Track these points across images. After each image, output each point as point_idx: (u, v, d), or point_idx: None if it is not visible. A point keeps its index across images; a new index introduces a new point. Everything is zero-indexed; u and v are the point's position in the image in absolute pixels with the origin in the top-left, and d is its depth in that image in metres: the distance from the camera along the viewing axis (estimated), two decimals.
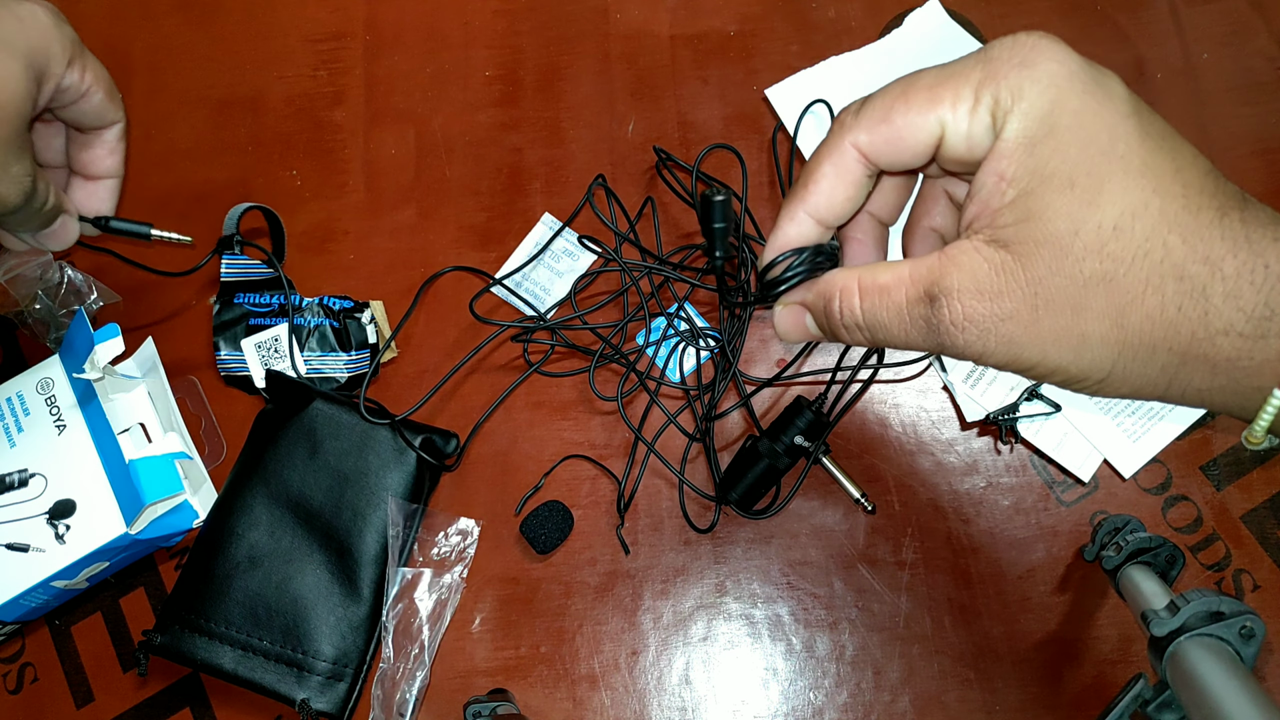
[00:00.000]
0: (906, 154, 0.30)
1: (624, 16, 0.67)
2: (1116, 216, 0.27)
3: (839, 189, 0.32)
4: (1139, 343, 0.27)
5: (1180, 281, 0.26)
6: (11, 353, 0.62)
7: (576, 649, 0.54)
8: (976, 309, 0.28)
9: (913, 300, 0.30)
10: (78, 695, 0.55)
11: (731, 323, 0.59)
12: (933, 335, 0.30)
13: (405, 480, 0.55)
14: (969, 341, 0.29)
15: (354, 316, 0.60)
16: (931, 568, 0.54)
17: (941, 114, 0.29)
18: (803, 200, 0.32)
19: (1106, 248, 0.27)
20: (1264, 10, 0.64)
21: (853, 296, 0.32)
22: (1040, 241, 0.27)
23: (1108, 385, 0.29)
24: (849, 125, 0.31)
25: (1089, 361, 0.28)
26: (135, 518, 0.53)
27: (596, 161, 0.63)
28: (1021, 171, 0.27)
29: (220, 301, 0.60)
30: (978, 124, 0.28)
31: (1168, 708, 0.42)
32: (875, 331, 0.32)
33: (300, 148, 0.65)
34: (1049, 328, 0.28)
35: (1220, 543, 0.54)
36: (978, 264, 0.28)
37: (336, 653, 0.52)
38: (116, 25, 0.69)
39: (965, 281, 0.28)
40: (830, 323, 0.33)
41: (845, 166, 0.31)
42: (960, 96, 0.28)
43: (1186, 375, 0.28)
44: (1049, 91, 0.27)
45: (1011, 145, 0.28)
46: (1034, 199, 0.27)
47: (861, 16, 0.66)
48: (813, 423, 0.54)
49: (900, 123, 0.29)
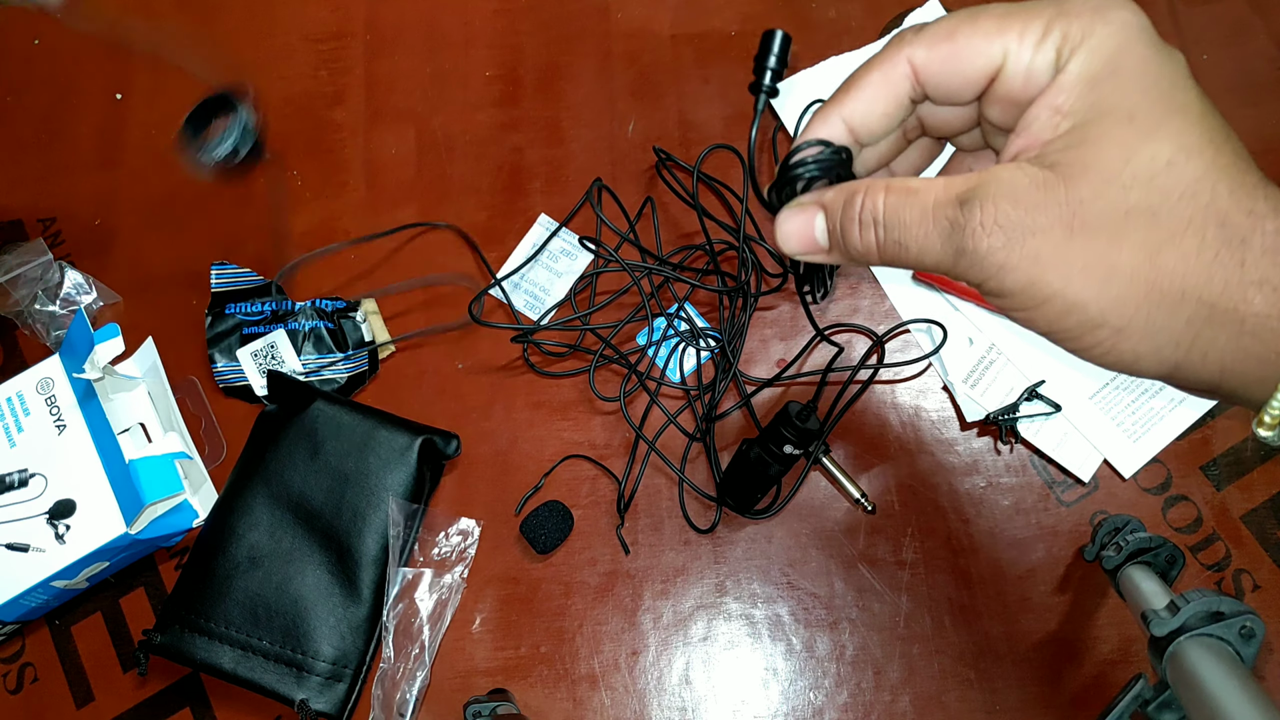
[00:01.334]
0: (960, 78, 0.30)
1: (625, 16, 0.67)
2: (1171, 152, 0.26)
3: (880, 100, 0.31)
4: (1168, 286, 0.26)
5: (1222, 228, 0.26)
6: (11, 353, 0.62)
7: (576, 649, 0.54)
8: (1009, 214, 0.27)
9: (942, 202, 0.29)
10: (78, 695, 0.55)
11: (731, 323, 0.59)
12: (956, 238, 0.28)
13: (406, 480, 0.55)
14: (993, 247, 0.27)
15: (348, 316, 0.60)
16: (931, 568, 0.54)
17: (1007, 41, 0.28)
18: (840, 103, 0.32)
19: (1156, 180, 0.26)
20: (1263, 11, 0.64)
21: (878, 194, 0.30)
22: (1089, 165, 0.27)
23: (1124, 338, 0.27)
24: (908, 39, 0.30)
25: (1112, 300, 0.27)
26: (135, 518, 0.53)
27: (597, 161, 0.63)
28: (1080, 105, 0.27)
29: (212, 314, 0.60)
30: (1041, 57, 0.28)
31: (1168, 708, 0.42)
32: (893, 230, 0.30)
33: (300, 147, 0.65)
34: (1080, 252, 0.27)
35: (1220, 543, 0.54)
36: (1019, 177, 0.27)
37: (336, 653, 0.52)
38: (116, 25, 0.69)
39: (1002, 189, 0.27)
40: (845, 220, 0.31)
41: (893, 79, 0.30)
42: (1029, 28, 0.28)
43: (1211, 333, 0.27)
44: (1118, 35, 0.27)
45: (1073, 79, 0.27)
46: (1089, 128, 0.27)
47: (861, 16, 0.66)
48: (802, 430, 0.52)
49: (963, 43, 0.29)
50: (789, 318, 0.60)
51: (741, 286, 0.58)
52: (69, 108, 0.67)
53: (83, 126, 0.67)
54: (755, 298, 0.59)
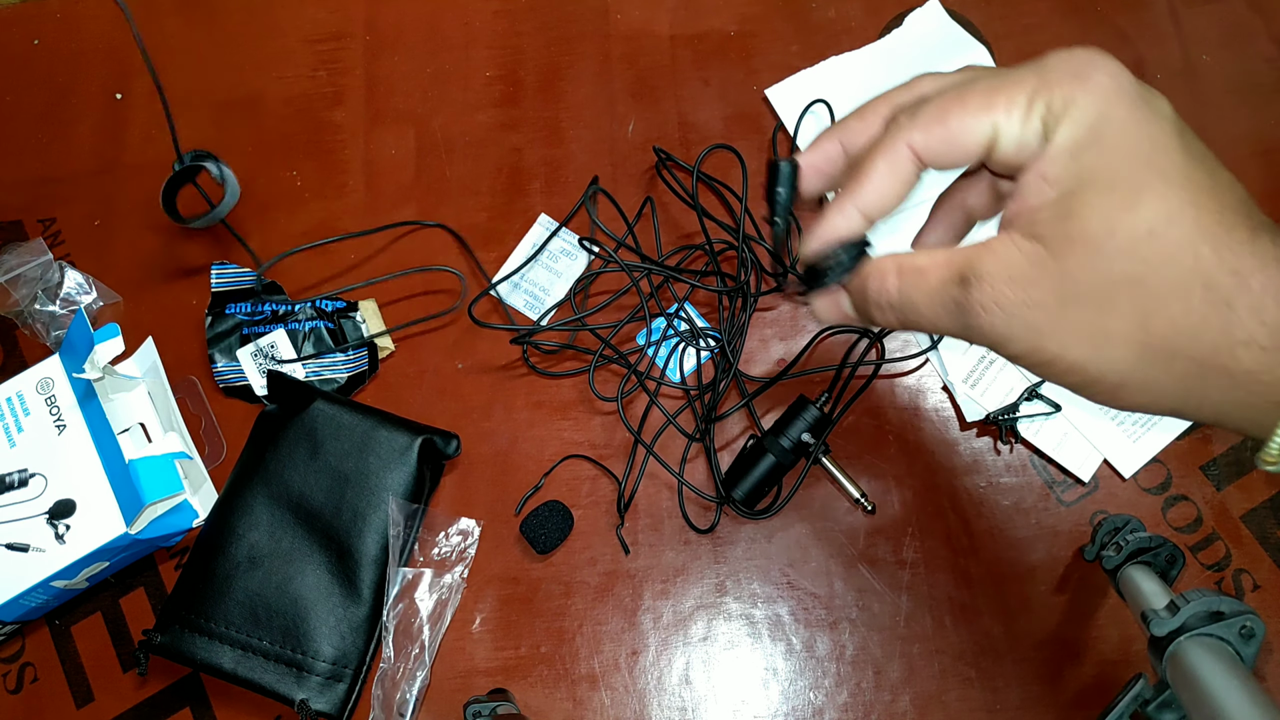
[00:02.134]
0: (959, 154, 0.31)
1: (624, 17, 0.67)
2: (1152, 221, 0.27)
3: (890, 186, 0.33)
4: (1160, 346, 0.28)
5: (1207, 290, 0.27)
6: (11, 353, 0.62)
7: (576, 649, 0.54)
8: (1006, 294, 0.29)
9: (945, 281, 0.31)
10: (78, 695, 0.55)
11: (731, 323, 0.59)
12: (961, 316, 0.31)
13: (406, 480, 0.55)
14: (995, 324, 0.30)
15: (348, 316, 0.60)
16: (931, 567, 0.54)
17: (996, 118, 0.30)
18: (854, 196, 0.33)
19: (1139, 250, 0.27)
20: (1263, 12, 0.64)
21: (890, 276, 0.33)
22: (1075, 238, 0.28)
23: (1124, 392, 0.30)
24: (905, 125, 0.32)
25: (1108, 361, 0.29)
26: (135, 517, 0.53)
27: (596, 162, 0.63)
28: (1065, 174, 0.28)
29: (212, 314, 0.60)
30: (1030, 129, 0.29)
31: (1168, 707, 0.42)
32: (906, 311, 0.33)
33: (300, 148, 0.65)
34: (1074, 321, 0.29)
35: (1220, 543, 0.54)
36: (1012, 253, 0.29)
37: (336, 653, 0.52)
38: (117, 26, 0.69)
39: (998, 267, 0.29)
40: (865, 303, 0.34)
41: (899, 165, 0.32)
42: (1015, 102, 0.29)
43: (1204, 387, 0.28)
44: (1099, 103, 0.28)
45: (1059, 150, 0.29)
46: (1074, 199, 0.28)
47: (861, 16, 0.66)
48: (818, 419, 0.54)
49: (955, 125, 0.30)
50: (789, 318, 0.60)
51: (741, 286, 0.58)
52: (69, 108, 0.67)
53: (82, 126, 0.67)
54: (755, 298, 0.59)
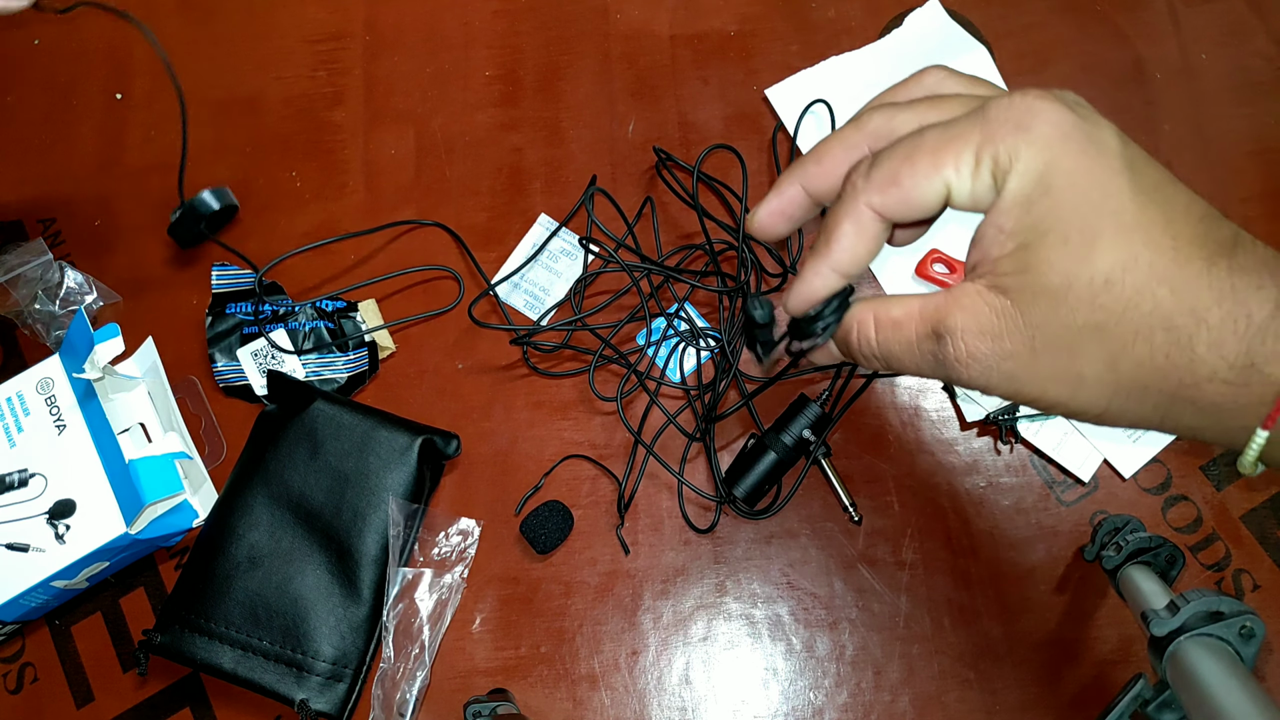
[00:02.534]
0: (916, 211, 0.32)
1: (624, 17, 0.67)
2: (1108, 270, 0.28)
3: (859, 244, 0.34)
4: (1131, 385, 0.29)
5: (1168, 332, 0.28)
6: (11, 353, 0.62)
7: (576, 649, 0.54)
8: (979, 348, 0.31)
9: (921, 336, 0.32)
10: (78, 695, 0.55)
11: (731, 323, 0.59)
12: (941, 368, 0.32)
13: (406, 480, 0.55)
14: (973, 376, 0.31)
15: (348, 316, 0.60)
16: (931, 568, 0.54)
17: (946, 175, 0.30)
18: (826, 257, 0.35)
19: (1098, 299, 0.28)
20: (1262, 11, 0.64)
21: (869, 329, 0.34)
22: (1037, 291, 0.29)
23: (1106, 418, 0.31)
24: (861, 188, 0.33)
25: (1086, 399, 0.30)
26: (135, 517, 0.53)
27: (596, 162, 0.63)
28: (1019, 227, 0.29)
29: (212, 313, 0.60)
30: (980, 183, 0.30)
31: (1168, 708, 0.42)
32: (890, 360, 0.34)
33: (300, 148, 0.65)
34: (1047, 367, 0.30)
35: (1220, 543, 0.54)
36: (980, 307, 0.31)
37: (336, 653, 0.52)
38: (117, 26, 0.69)
39: (969, 322, 0.31)
40: (850, 352, 0.36)
41: (863, 225, 0.33)
42: (961, 159, 0.30)
43: (1176, 414, 0.30)
44: (1043, 153, 0.29)
45: (1009, 203, 0.29)
46: (1031, 252, 0.29)
47: (861, 16, 0.66)
48: (819, 417, 0.54)
49: (908, 184, 0.31)
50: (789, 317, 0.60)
51: (741, 286, 0.58)
52: (69, 108, 0.67)
53: (83, 126, 0.67)
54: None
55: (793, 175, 0.36)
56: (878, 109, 0.34)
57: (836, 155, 0.35)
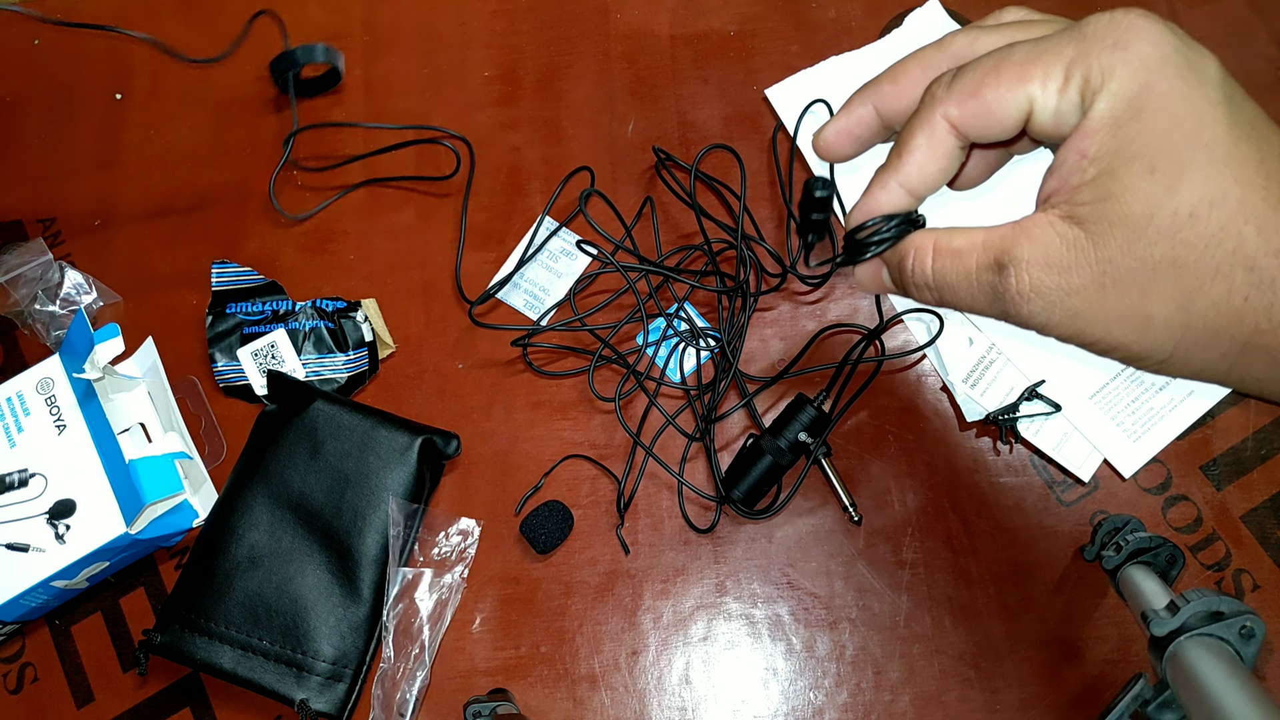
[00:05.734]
0: (995, 128, 0.30)
1: (624, 16, 0.67)
2: (1194, 203, 0.27)
3: (931, 160, 0.32)
4: (1202, 328, 0.28)
5: (1250, 272, 0.27)
6: (11, 353, 0.62)
7: (576, 649, 0.54)
8: (1044, 281, 0.29)
9: (982, 266, 0.31)
10: (78, 695, 0.55)
11: (731, 323, 0.59)
12: (998, 302, 0.31)
13: (406, 480, 0.55)
14: (1033, 312, 0.30)
15: (348, 316, 0.60)
16: (931, 567, 0.54)
17: (1031, 90, 0.29)
18: (895, 170, 0.33)
19: (1180, 234, 0.27)
20: (1263, 12, 0.64)
21: (926, 256, 0.33)
22: (1115, 221, 0.28)
23: (1169, 365, 0.29)
24: (940, 98, 0.31)
25: (1151, 342, 0.29)
26: (135, 517, 0.53)
27: (596, 162, 0.63)
28: (1104, 151, 0.28)
29: (213, 313, 0.60)
30: (1066, 101, 0.28)
31: (1168, 708, 0.42)
32: (943, 292, 0.32)
33: (299, 149, 0.65)
34: (1115, 306, 0.28)
35: (1220, 543, 0.54)
36: (1050, 237, 0.29)
37: (336, 653, 0.52)
38: (118, 26, 0.69)
39: (1035, 253, 0.29)
40: (903, 279, 0.34)
41: (937, 138, 0.32)
42: (1050, 74, 0.28)
43: (1246, 363, 0.28)
44: (1140, 74, 0.27)
45: (1097, 124, 0.28)
46: (1114, 179, 0.28)
47: (861, 16, 0.66)
48: (815, 419, 0.54)
49: (990, 97, 0.30)
50: (789, 317, 0.60)
51: (740, 286, 0.58)
52: (69, 108, 0.67)
53: (83, 126, 0.67)
54: (755, 297, 0.59)
55: (865, 94, 0.34)
56: (962, 31, 0.32)
57: (914, 75, 0.33)
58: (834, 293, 0.60)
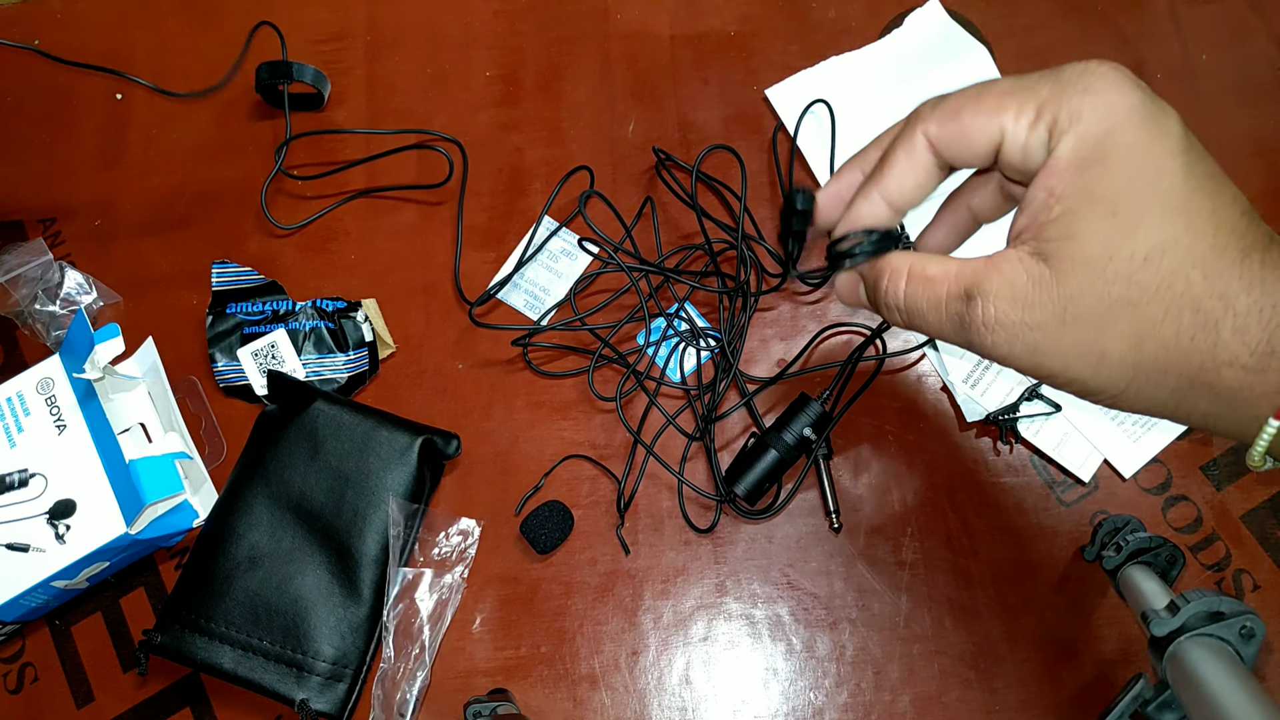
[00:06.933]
0: (968, 152, 0.32)
1: (624, 17, 0.67)
2: (1149, 248, 0.29)
3: (909, 175, 0.34)
4: (1152, 366, 0.30)
5: (1196, 314, 0.28)
6: (11, 353, 0.62)
7: (577, 649, 0.54)
8: (1008, 314, 0.31)
9: (952, 296, 0.32)
10: (78, 695, 0.55)
11: (731, 323, 0.59)
12: (963, 331, 0.32)
13: (406, 480, 0.55)
14: (996, 343, 0.31)
15: (348, 316, 0.60)
16: (931, 568, 0.54)
17: (1004, 121, 0.31)
18: (877, 183, 0.35)
19: (1135, 276, 0.29)
20: (1263, 12, 0.64)
21: (900, 280, 0.34)
22: (1077, 261, 0.29)
23: (1122, 400, 0.31)
24: (924, 116, 0.33)
25: (1106, 378, 0.31)
26: (135, 518, 0.53)
27: (597, 162, 0.63)
28: (1070, 190, 0.29)
29: (213, 313, 0.60)
30: (1035, 138, 0.30)
31: (1168, 708, 0.42)
32: (912, 316, 0.34)
33: (300, 149, 0.65)
34: (1073, 341, 0.30)
35: (1220, 543, 0.54)
36: (1017, 273, 0.31)
37: (336, 653, 0.52)
38: (119, 26, 0.69)
39: (1003, 287, 0.31)
40: (876, 297, 0.36)
41: (916, 154, 0.34)
42: (1024, 109, 0.30)
43: (1193, 399, 0.30)
44: (1106, 120, 0.29)
45: (1064, 164, 0.30)
46: (1078, 219, 0.29)
47: (861, 16, 0.66)
48: (820, 415, 0.54)
49: (967, 121, 0.32)
50: (789, 317, 0.60)
51: (741, 286, 0.58)
52: (69, 108, 0.67)
53: (83, 126, 0.67)
54: (755, 297, 0.59)
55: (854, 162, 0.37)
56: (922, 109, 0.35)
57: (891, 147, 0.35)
58: (834, 293, 0.60)
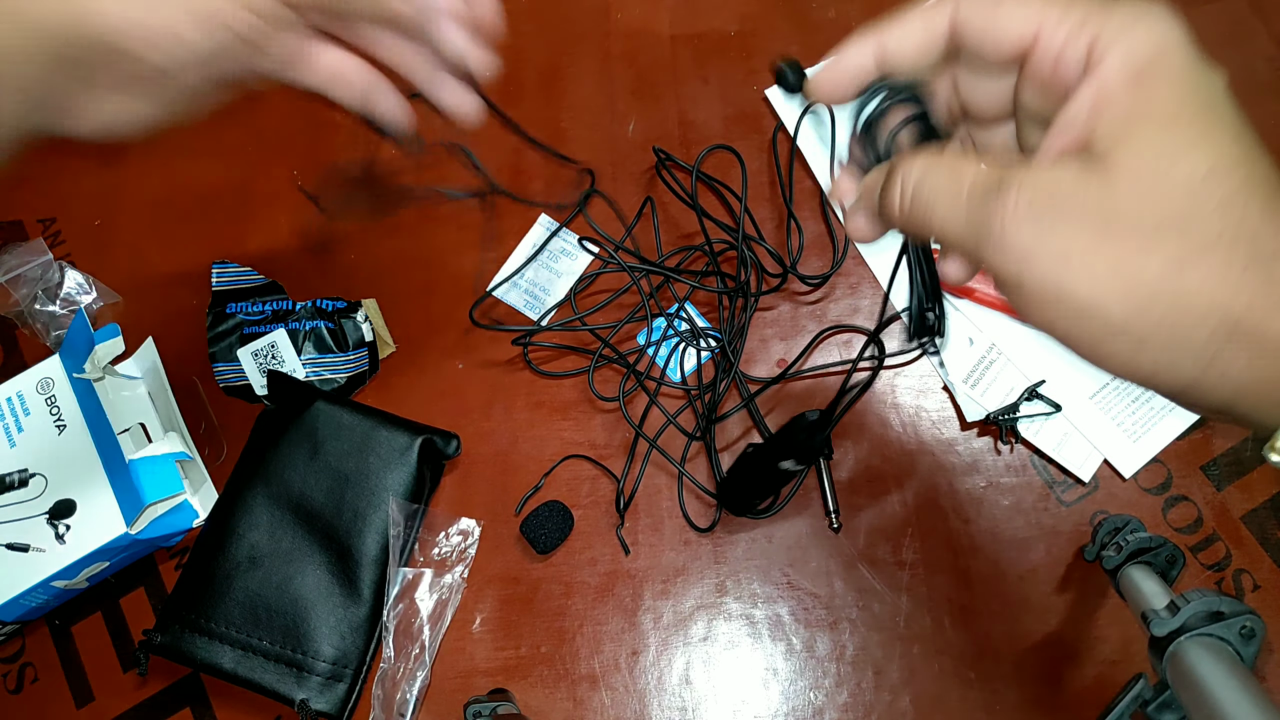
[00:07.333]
0: (991, 44, 0.30)
1: (624, 16, 0.67)
2: (1211, 164, 0.26)
3: (915, 35, 0.32)
4: (1193, 298, 0.26)
5: (1253, 243, 0.26)
6: (11, 353, 0.62)
7: (576, 649, 0.54)
8: (1044, 203, 0.27)
9: (978, 185, 0.28)
10: (78, 695, 0.55)
11: (732, 323, 0.59)
12: (979, 226, 0.28)
13: (406, 480, 0.55)
14: (1017, 243, 0.27)
15: (348, 316, 0.60)
16: (932, 568, 0.54)
17: (1045, 18, 0.28)
18: (879, 31, 0.32)
19: (1195, 191, 0.26)
20: (1263, 12, 0.64)
21: (918, 161, 0.31)
22: (1130, 167, 0.26)
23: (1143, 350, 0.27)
24: None
25: (1135, 308, 0.26)
26: (135, 518, 0.53)
27: (597, 161, 0.63)
28: (1122, 98, 0.27)
29: (213, 313, 0.60)
30: (1072, 50, 0.28)
31: (1168, 708, 0.42)
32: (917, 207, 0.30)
33: (300, 149, 0.65)
34: (1108, 255, 0.26)
35: (1220, 543, 0.54)
36: (1062, 172, 0.27)
37: (336, 653, 0.52)
38: None
39: (1043, 180, 0.27)
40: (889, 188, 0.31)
41: (933, 23, 0.31)
42: (1069, 14, 0.28)
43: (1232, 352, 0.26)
44: (1158, 40, 0.27)
45: (1114, 73, 0.27)
46: (1135, 126, 0.27)
47: (861, 16, 0.66)
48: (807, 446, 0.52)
49: (1005, 11, 0.29)
50: (789, 317, 0.60)
51: (741, 286, 0.58)
52: None
53: None
54: (755, 298, 0.59)
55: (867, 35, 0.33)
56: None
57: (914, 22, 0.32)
58: (834, 293, 0.60)
